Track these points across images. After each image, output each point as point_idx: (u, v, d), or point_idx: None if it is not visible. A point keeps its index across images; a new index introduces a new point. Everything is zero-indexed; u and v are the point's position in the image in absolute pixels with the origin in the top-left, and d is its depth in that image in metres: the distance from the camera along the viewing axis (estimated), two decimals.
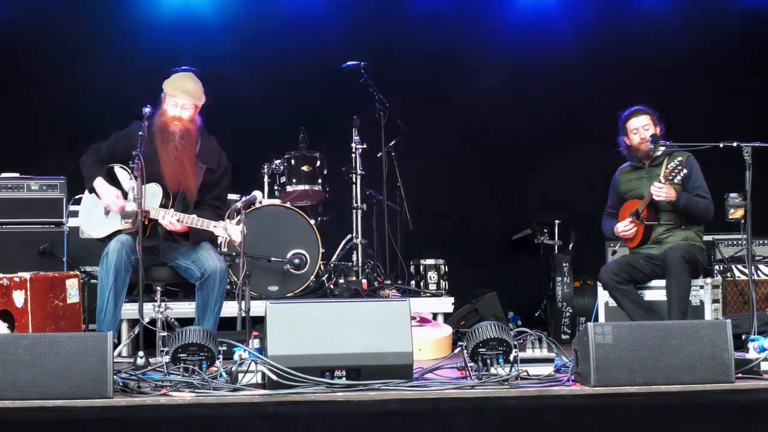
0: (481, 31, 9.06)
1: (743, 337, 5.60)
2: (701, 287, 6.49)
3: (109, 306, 5.90)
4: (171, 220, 5.90)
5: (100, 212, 6.14)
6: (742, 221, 6.12)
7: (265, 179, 7.94)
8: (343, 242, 8.00)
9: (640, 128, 6.57)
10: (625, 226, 6.57)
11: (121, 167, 6.14)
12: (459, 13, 9.04)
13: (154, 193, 6.00)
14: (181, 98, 6.04)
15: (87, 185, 6.17)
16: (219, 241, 7.24)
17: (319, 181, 7.80)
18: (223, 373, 4.98)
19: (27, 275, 5.86)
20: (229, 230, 5.85)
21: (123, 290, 5.97)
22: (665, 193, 6.30)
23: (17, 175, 7.29)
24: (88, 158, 6.19)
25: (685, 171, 6.28)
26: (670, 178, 6.30)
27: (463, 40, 9.03)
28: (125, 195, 6.03)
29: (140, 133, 5.76)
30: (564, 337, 7.76)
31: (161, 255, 6.12)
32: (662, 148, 6.52)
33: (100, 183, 6.08)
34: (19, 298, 5.82)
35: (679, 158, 6.30)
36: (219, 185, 6.24)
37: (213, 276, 6.04)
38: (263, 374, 4.82)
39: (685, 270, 6.26)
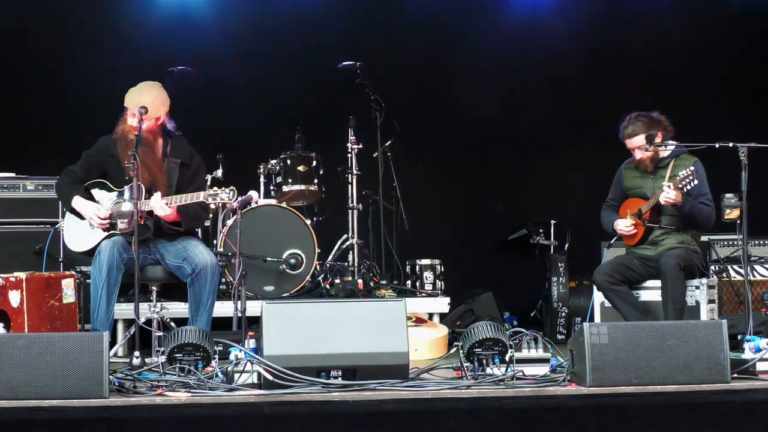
0: (477, 31, 9.04)
1: (739, 337, 5.61)
2: (697, 288, 6.50)
3: (101, 304, 5.90)
4: (161, 204, 5.91)
5: (84, 225, 6.16)
6: (738, 222, 6.12)
7: (261, 179, 7.92)
8: (339, 242, 7.99)
9: (636, 149, 6.56)
10: (626, 225, 6.58)
11: (97, 183, 6.16)
12: (455, 12, 9.03)
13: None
14: (135, 111, 6.09)
15: (66, 207, 6.26)
16: (214, 241, 7.24)
17: (315, 181, 7.78)
18: (219, 373, 4.98)
19: (23, 275, 5.85)
20: (219, 194, 5.86)
21: (115, 288, 5.98)
22: (674, 198, 6.30)
23: (13, 174, 7.29)
24: (63, 180, 6.27)
25: (696, 182, 6.26)
26: (680, 186, 6.27)
27: (459, 40, 9.02)
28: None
29: (136, 133, 5.85)
30: (560, 337, 7.75)
31: (151, 251, 6.13)
32: (669, 150, 6.51)
33: (78, 201, 6.14)
34: (15, 298, 5.81)
35: (691, 168, 6.26)
36: (196, 179, 6.28)
37: (204, 270, 6.04)
38: (259, 374, 4.82)
39: (680, 277, 6.28)
